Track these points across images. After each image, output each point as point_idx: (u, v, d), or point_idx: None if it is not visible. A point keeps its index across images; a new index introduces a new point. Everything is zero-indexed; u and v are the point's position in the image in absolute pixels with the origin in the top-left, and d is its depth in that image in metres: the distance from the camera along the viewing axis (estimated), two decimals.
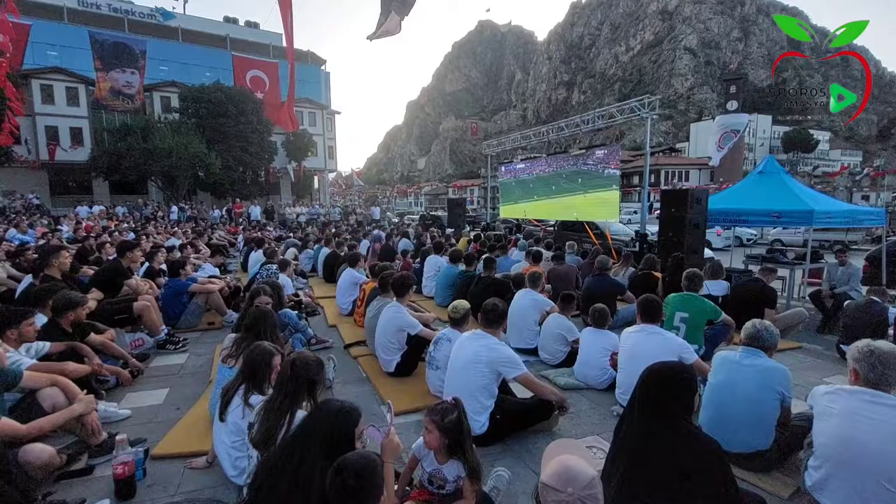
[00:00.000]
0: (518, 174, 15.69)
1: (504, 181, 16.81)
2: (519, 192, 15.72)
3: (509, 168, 16.42)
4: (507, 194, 16.71)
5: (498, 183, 17.66)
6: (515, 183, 15.87)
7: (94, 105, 28.92)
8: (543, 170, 14.04)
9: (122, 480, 2.45)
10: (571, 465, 1.33)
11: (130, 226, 15.71)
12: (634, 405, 2.05)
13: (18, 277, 6.55)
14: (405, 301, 4.35)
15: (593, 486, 1.30)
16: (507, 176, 16.55)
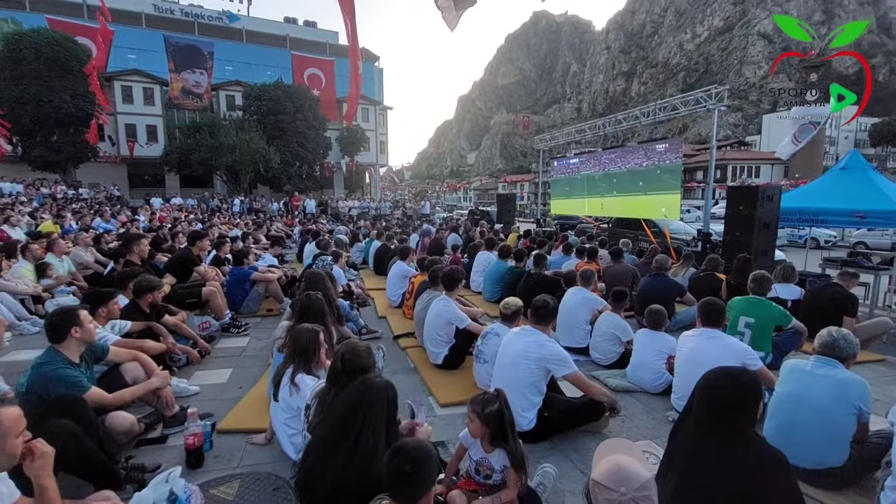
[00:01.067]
0: (571, 170, 15.29)
1: (556, 177, 16.45)
2: (571, 187, 15.33)
3: (562, 163, 16.04)
4: (558, 190, 16.35)
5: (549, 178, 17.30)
6: (568, 178, 15.49)
7: (167, 104, 31.35)
8: (599, 165, 13.59)
9: (192, 450, 2.68)
10: (625, 465, 1.31)
11: (198, 217, 16.91)
12: (693, 411, 1.97)
13: (104, 262, 7.29)
14: (454, 295, 4.40)
15: (647, 487, 1.28)
16: (559, 171, 16.19)
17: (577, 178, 14.90)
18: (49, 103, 21.35)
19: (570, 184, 15.35)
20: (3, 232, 9.19)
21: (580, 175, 14.67)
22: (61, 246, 6.78)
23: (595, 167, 13.76)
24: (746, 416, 1.90)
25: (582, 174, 14.55)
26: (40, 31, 22.93)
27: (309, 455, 1.94)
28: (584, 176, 14.41)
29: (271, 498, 2.44)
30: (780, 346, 4.24)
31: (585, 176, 14.35)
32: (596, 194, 13.78)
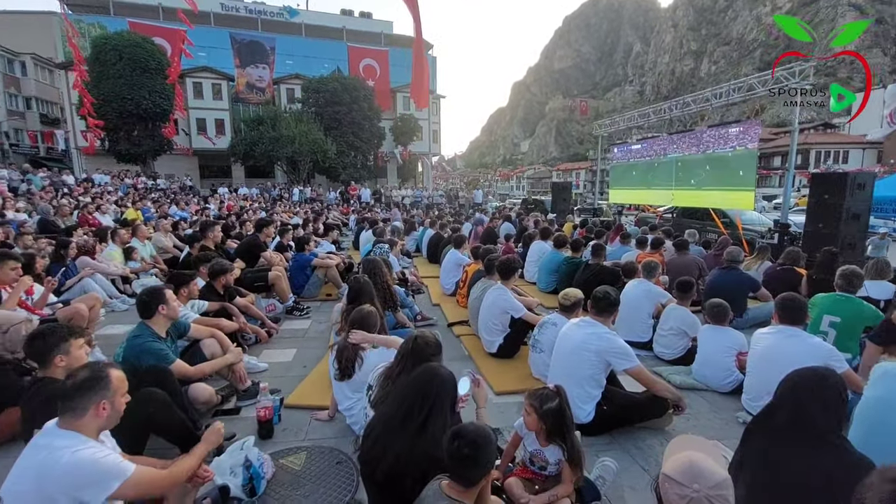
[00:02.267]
0: (633, 156, 14.61)
1: (616, 164, 15.79)
2: (633, 175, 14.66)
3: (623, 149, 15.36)
4: (618, 178, 15.70)
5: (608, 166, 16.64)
6: (629, 166, 14.82)
7: (233, 98, 33.25)
8: (664, 151, 12.88)
9: (264, 422, 2.89)
10: (700, 462, 1.27)
11: (261, 205, 17.92)
12: (774, 412, 1.85)
13: (180, 247, 7.93)
14: (510, 284, 4.39)
15: (724, 487, 1.23)
16: (619, 158, 15.52)
17: (639, 165, 14.22)
18: (131, 100, 23.32)
19: (632, 171, 14.69)
20: (95, 219, 10.24)
21: (643, 162, 13.99)
22: (144, 231, 7.46)
23: (660, 153, 13.06)
24: (833, 420, 1.77)
25: (645, 161, 13.87)
26: (122, 33, 25.00)
27: (372, 433, 2.03)
28: (648, 163, 13.73)
29: (335, 471, 2.58)
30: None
31: (649, 163, 13.67)
32: (660, 182, 13.10)
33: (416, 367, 2.33)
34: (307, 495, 2.37)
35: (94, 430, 1.71)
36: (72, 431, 1.65)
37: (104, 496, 1.59)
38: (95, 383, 1.69)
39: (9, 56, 31.32)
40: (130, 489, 1.66)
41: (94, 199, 13.42)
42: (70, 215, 9.95)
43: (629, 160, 14.80)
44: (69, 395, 1.67)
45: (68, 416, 1.66)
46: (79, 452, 1.59)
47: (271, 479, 2.46)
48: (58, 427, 1.66)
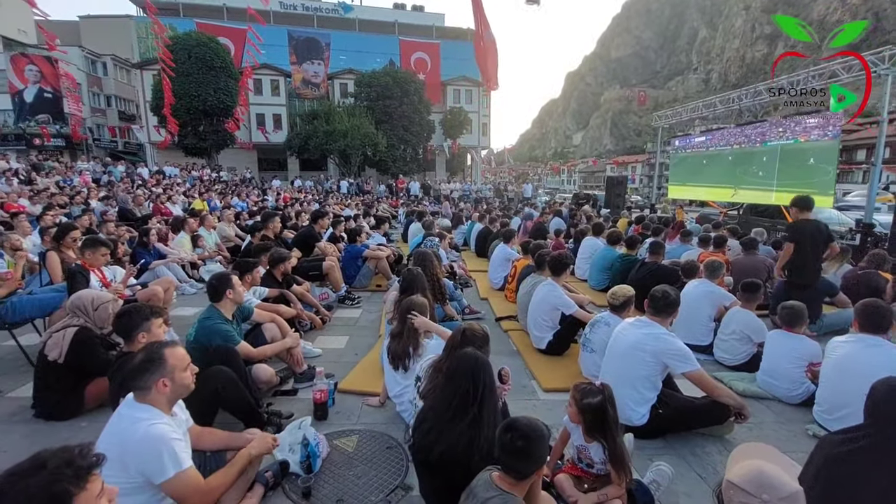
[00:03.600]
0: (696, 149, 13.84)
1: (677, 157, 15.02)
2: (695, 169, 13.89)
3: (685, 142, 14.59)
4: (679, 172, 14.93)
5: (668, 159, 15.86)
6: (691, 159, 14.06)
7: (289, 94, 34.65)
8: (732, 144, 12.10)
9: (319, 404, 3.04)
10: (769, 471, 1.22)
11: (315, 197, 18.63)
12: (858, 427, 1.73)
13: (242, 236, 8.42)
14: (561, 280, 4.33)
15: (796, 499, 1.18)
16: (680, 151, 14.75)
17: (702, 158, 13.46)
18: (198, 97, 24.89)
19: (694, 165, 13.92)
20: (166, 208, 11.08)
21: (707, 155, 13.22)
22: (211, 221, 7.99)
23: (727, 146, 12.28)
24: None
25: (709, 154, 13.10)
26: (191, 33, 26.67)
27: (424, 421, 2.08)
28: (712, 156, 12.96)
29: (385, 455, 2.69)
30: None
31: (713, 156, 12.89)
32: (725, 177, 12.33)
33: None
34: (360, 476, 2.49)
35: (163, 403, 1.87)
36: (146, 405, 1.82)
37: (160, 479, 1.71)
38: (150, 364, 1.84)
39: (92, 58, 34.29)
40: (177, 485, 1.74)
41: (166, 190, 14.52)
42: (144, 205, 10.83)
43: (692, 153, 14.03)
44: (132, 376, 1.83)
45: (138, 393, 1.83)
46: (154, 427, 1.75)
47: (326, 458, 2.60)
48: (135, 401, 1.83)
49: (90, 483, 1.11)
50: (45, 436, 2.80)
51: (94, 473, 1.13)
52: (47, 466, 1.06)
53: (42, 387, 2.96)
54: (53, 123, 29.55)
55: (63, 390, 2.93)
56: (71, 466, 1.08)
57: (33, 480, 1.03)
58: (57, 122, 29.54)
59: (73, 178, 15.61)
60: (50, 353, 2.87)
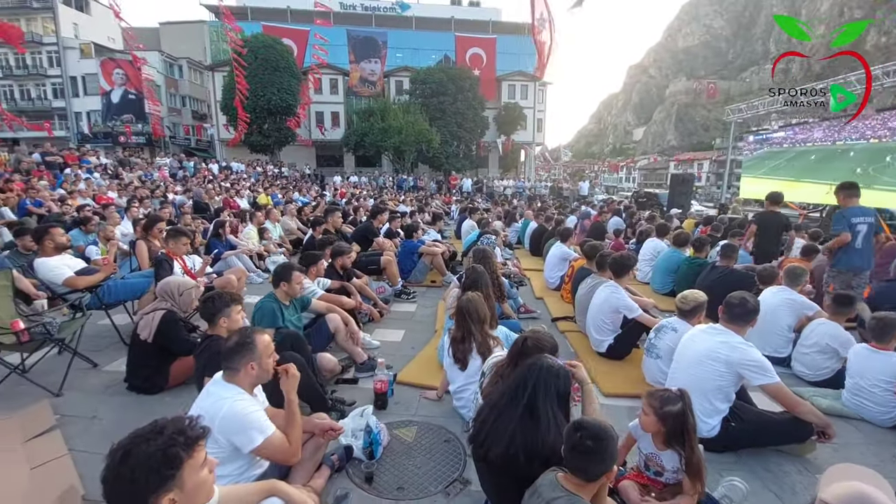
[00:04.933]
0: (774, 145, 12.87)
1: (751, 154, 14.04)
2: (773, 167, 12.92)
3: (760, 137, 13.60)
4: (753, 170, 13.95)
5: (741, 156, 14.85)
6: (768, 156, 13.09)
7: (347, 92, 35.79)
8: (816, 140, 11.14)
9: (380, 394, 3.16)
10: (870, 493, 1.14)
11: (370, 193, 19.17)
12: None
13: (304, 230, 8.85)
14: (624, 282, 4.20)
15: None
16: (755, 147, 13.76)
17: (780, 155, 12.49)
18: (262, 97, 26.34)
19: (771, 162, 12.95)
20: (235, 202, 11.84)
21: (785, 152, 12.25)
22: (275, 215, 8.46)
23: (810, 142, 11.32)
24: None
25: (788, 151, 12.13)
26: (257, 36, 28.24)
27: (483, 419, 2.12)
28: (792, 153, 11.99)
29: (443, 448, 2.75)
30: None
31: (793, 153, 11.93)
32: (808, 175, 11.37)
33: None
34: (419, 466, 2.57)
35: (248, 385, 2.05)
36: (232, 384, 2.00)
37: (250, 447, 1.90)
38: (243, 347, 2.02)
39: (170, 61, 37.15)
40: (267, 447, 1.93)
41: (233, 185, 15.51)
42: (216, 199, 11.63)
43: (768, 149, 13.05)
44: (227, 356, 2.02)
45: (229, 373, 2.01)
46: (237, 403, 1.92)
47: (387, 446, 2.71)
48: (223, 380, 2.02)
49: (197, 451, 1.25)
50: (134, 407, 3.10)
51: (201, 444, 1.27)
52: (164, 433, 1.20)
53: (134, 363, 3.30)
54: (136, 122, 32.38)
55: (151, 367, 3.25)
56: (183, 434, 1.22)
57: (153, 443, 1.17)
58: (139, 121, 32.33)
59: (152, 172, 17.05)
60: (141, 333, 3.18)
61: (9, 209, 8.03)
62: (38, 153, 14.87)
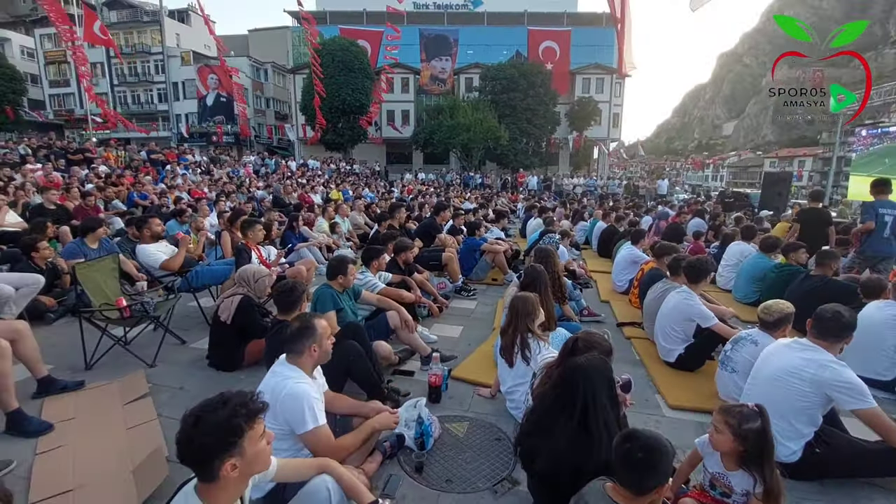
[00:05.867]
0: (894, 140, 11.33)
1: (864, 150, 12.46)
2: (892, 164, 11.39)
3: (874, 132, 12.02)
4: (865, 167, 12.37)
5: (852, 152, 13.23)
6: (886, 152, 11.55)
7: (417, 91, 36.58)
8: None
9: (434, 388, 3.24)
10: None
11: (436, 190, 19.49)
12: None
13: (371, 224, 9.22)
14: (699, 289, 3.93)
15: None
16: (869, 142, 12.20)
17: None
18: (338, 97, 27.72)
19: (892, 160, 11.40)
20: (310, 197, 12.59)
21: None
22: (345, 210, 8.90)
23: None
24: None
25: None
26: (335, 39, 29.72)
27: (531, 422, 2.10)
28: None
29: (494, 446, 2.76)
30: None
31: None
32: None
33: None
34: (469, 461, 2.60)
35: (309, 367, 2.21)
36: (295, 366, 2.16)
37: (301, 430, 2.02)
38: (306, 331, 2.18)
39: (257, 66, 40.16)
40: (312, 436, 2.03)
41: (309, 181, 16.49)
42: (293, 194, 12.45)
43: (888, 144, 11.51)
44: (291, 340, 2.18)
45: (292, 355, 2.18)
46: (299, 385, 2.08)
47: (438, 438, 2.77)
48: (286, 361, 2.19)
49: (257, 424, 1.38)
50: (214, 382, 3.44)
51: (260, 417, 1.40)
52: (229, 404, 1.34)
53: (214, 342, 3.65)
54: (226, 123, 35.42)
55: (229, 346, 3.58)
56: (245, 407, 1.35)
57: (219, 412, 1.32)
58: (229, 122, 35.32)
59: (239, 169, 18.59)
60: (222, 315, 3.51)
61: (120, 201, 9.17)
62: (145, 151, 16.82)
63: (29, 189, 7.99)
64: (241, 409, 1.34)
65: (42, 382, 3.07)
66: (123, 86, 38.80)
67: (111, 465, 2.40)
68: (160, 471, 2.33)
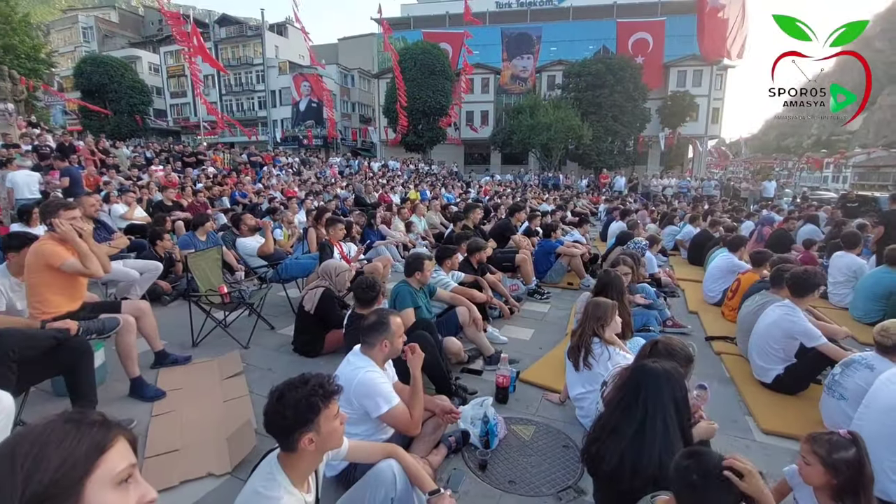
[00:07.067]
0: None
1: None
2: None
3: None
4: None
5: None
6: None
7: (497, 90, 36.51)
8: None
9: (501, 388, 3.26)
10: None
11: (513, 191, 19.35)
12: None
13: (446, 224, 9.41)
14: (805, 303, 3.55)
15: None
16: None
17: None
18: (419, 100, 28.55)
19: None
20: (389, 197, 13.13)
21: None
22: (422, 209, 9.17)
23: None
24: None
25: None
26: (418, 43, 30.65)
27: (599, 426, 2.06)
28: None
29: (561, 452, 2.73)
30: None
31: None
32: None
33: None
34: (533, 465, 2.60)
35: (381, 359, 2.35)
36: (368, 357, 2.32)
37: (376, 413, 2.19)
38: (380, 326, 2.33)
39: (344, 72, 42.60)
40: (390, 416, 2.20)
41: (389, 182, 17.18)
42: (373, 193, 13.07)
43: None
44: (365, 332, 2.35)
45: (365, 347, 2.35)
46: (369, 373, 2.24)
47: (503, 439, 2.80)
48: (360, 352, 2.35)
49: (332, 404, 1.53)
50: (297, 366, 3.75)
51: (335, 399, 1.54)
52: (308, 384, 1.50)
53: (299, 329, 3.99)
54: (316, 127, 37.97)
55: (312, 334, 3.90)
56: (322, 388, 1.50)
57: (300, 391, 1.48)
58: (318, 126, 37.82)
59: (325, 170, 19.88)
60: (306, 305, 3.82)
61: (225, 199, 10.25)
62: (246, 154, 18.59)
63: (152, 187, 9.21)
64: (319, 390, 1.49)
65: (158, 355, 3.57)
66: (230, 95, 43.11)
67: (210, 432, 2.74)
68: (249, 440, 2.62)
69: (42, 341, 2.56)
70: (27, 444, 0.75)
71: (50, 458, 0.74)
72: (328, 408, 1.50)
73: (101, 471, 0.79)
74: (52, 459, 0.75)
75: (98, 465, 0.79)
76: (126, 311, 3.19)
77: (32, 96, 20.10)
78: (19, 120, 15.47)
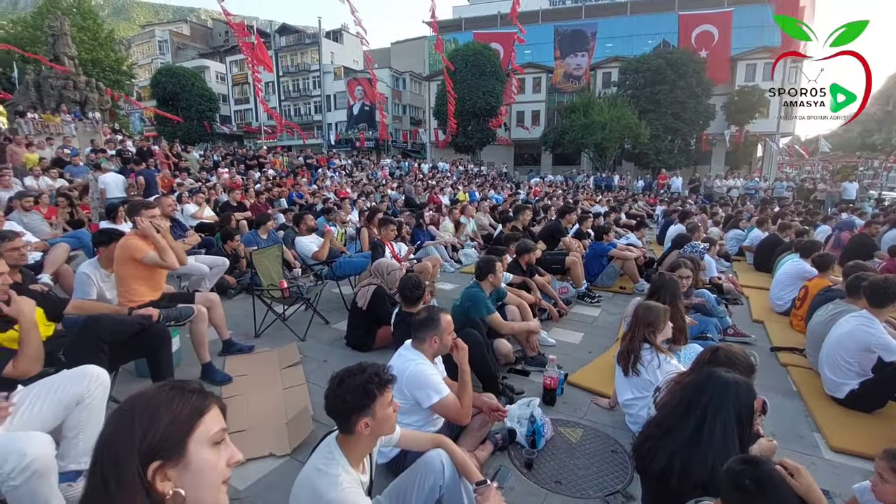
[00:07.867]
0: None
1: None
2: None
3: None
4: None
5: None
6: None
7: (549, 90, 35.96)
8: None
9: (548, 390, 3.27)
10: None
11: (564, 193, 19.02)
12: None
13: (495, 225, 9.44)
14: (884, 315, 3.30)
15: None
16: None
17: None
18: (469, 101, 28.67)
19: None
20: (437, 198, 13.32)
21: None
22: (470, 210, 9.26)
23: None
24: None
25: None
26: (468, 44, 30.79)
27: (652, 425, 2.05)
28: None
29: (609, 457, 2.71)
30: None
31: None
32: None
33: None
34: (580, 468, 2.60)
35: (430, 354, 2.46)
36: (418, 351, 2.43)
37: (427, 403, 2.29)
38: (431, 322, 2.43)
39: (396, 75, 43.52)
40: (441, 406, 2.30)
41: (438, 183, 17.41)
42: (423, 194, 13.31)
43: None
44: (416, 327, 2.46)
45: (416, 341, 2.46)
46: (419, 366, 2.35)
47: (549, 440, 2.81)
48: (411, 346, 2.46)
49: (386, 392, 1.64)
50: (350, 359, 3.87)
51: (388, 387, 1.66)
52: (365, 372, 1.63)
53: (352, 324, 4.20)
54: (368, 130, 39.07)
55: (363, 329, 4.09)
56: (378, 377, 1.62)
57: (358, 377, 1.61)
58: (370, 128, 38.90)
59: (377, 172, 20.43)
60: (359, 301, 4.01)
61: (283, 200, 10.83)
62: (302, 156, 19.48)
63: (219, 189, 9.89)
64: (375, 378, 1.61)
65: (225, 343, 3.88)
66: (288, 100, 45.28)
67: (271, 416, 2.96)
68: (306, 426, 2.82)
69: (129, 326, 2.87)
70: (143, 404, 0.90)
71: (161, 417, 0.89)
72: (383, 395, 1.61)
73: (200, 431, 0.93)
74: (163, 418, 0.89)
75: (198, 426, 0.93)
76: (198, 301, 3.50)
77: (115, 105, 22.10)
78: (105, 127, 17.11)
